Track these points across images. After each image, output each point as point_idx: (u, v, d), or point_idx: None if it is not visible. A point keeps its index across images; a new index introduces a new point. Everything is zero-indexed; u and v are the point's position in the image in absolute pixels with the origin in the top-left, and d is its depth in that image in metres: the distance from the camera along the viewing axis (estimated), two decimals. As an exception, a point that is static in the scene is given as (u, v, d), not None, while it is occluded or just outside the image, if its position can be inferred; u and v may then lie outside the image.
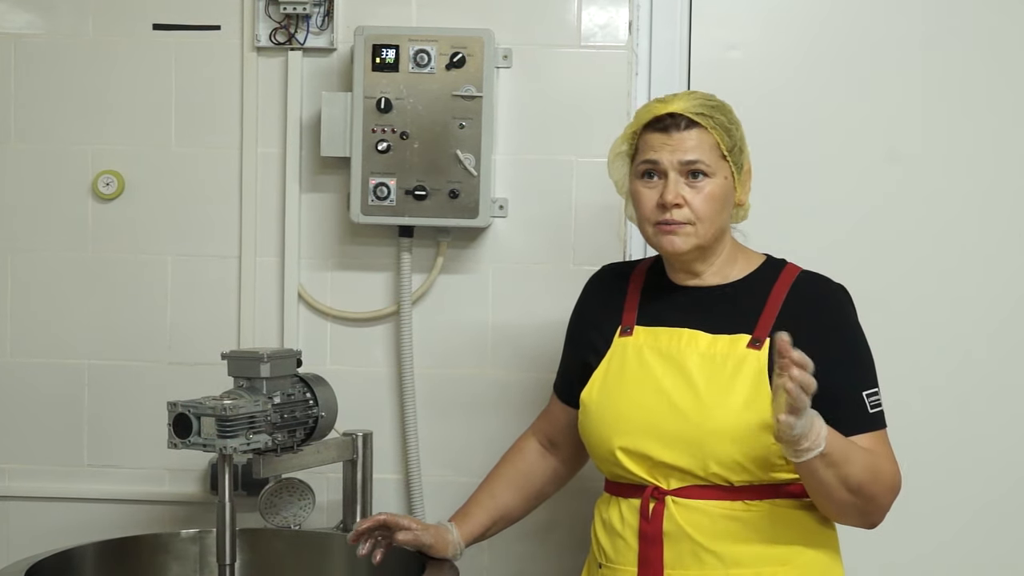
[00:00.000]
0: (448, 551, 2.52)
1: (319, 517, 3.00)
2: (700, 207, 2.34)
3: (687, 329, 2.38)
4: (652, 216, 2.36)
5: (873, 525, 2.33)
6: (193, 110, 3.07)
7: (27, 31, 3.07)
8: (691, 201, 2.34)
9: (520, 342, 3.04)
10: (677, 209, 2.33)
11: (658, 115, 2.36)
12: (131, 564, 2.72)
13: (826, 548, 2.37)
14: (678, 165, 2.34)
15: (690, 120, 2.35)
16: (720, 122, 2.37)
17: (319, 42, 3.00)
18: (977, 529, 3.07)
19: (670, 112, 2.35)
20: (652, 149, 2.37)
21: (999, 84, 3.06)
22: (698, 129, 2.35)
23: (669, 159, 2.34)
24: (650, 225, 2.38)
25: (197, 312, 3.09)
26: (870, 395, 2.33)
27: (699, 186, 2.34)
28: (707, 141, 2.35)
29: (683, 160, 2.33)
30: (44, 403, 3.11)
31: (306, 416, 2.66)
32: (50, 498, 3.09)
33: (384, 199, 2.91)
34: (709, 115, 2.36)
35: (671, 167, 2.34)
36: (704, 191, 2.34)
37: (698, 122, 2.35)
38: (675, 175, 2.34)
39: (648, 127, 2.38)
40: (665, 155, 2.34)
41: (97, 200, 3.07)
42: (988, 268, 3.08)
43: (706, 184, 2.34)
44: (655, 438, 2.34)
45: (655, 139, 2.37)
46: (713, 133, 2.35)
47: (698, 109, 2.35)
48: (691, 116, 2.35)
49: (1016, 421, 3.07)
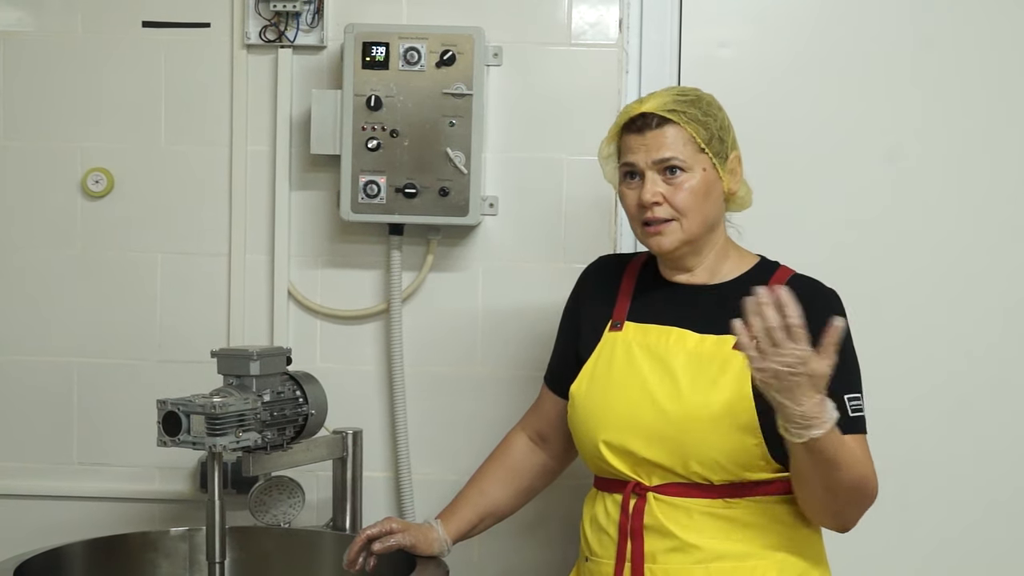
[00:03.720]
0: (433, 548, 2.54)
1: (309, 515, 3.00)
2: (680, 202, 2.36)
3: (676, 328, 2.40)
4: (636, 216, 2.40)
5: (845, 530, 2.35)
6: (183, 108, 3.08)
7: (16, 28, 3.08)
8: (670, 197, 2.36)
9: (510, 339, 3.05)
10: (657, 207, 2.36)
11: (632, 116, 2.40)
12: (120, 562, 2.72)
13: (808, 542, 2.39)
14: (652, 164, 2.36)
15: (662, 118, 2.37)
16: (693, 116, 2.38)
17: (309, 40, 3.01)
18: (976, 533, 3.07)
19: (642, 112, 2.38)
20: (629, 151, 2.40)
21: (993, 83, 3.07)
22: (671, 125, 2.37)
23: (644, 159, 2.37)
24: (638, 226, 2.41)
25: (187, 310, 3.09)
26: (852, 399, 2.34)
27: (677, 182, 2.36)
28: (681, 136, 2.37)
29: (656, 159, 2.36)
30: (33, 401, 3.12)
31: (296, 414, 2.67)
32: (39, 496, 3.09)
33: (374, 197, 2.92)
34: (681, 110, 2.38)
35: (647, 167, 2.37)
36: (683, 186, 2.36)
37: (670, 119, 2.37)
38: (652, 174, 2.36)
39: (625, 129, 2.42)
40: (640, 156, 2.38)
41: (86, 198, 3.07)
42: (985, 269, 3.08)
43: (684, 179, 2.36)
44: (637, 434, 2.36)
45: (631, 140, 2.40)
46: (687, 128, 2.37)
47: (669, 106, 2.38)
48: (662, 114, 2.37)
49: (1016, 423, 3.07)
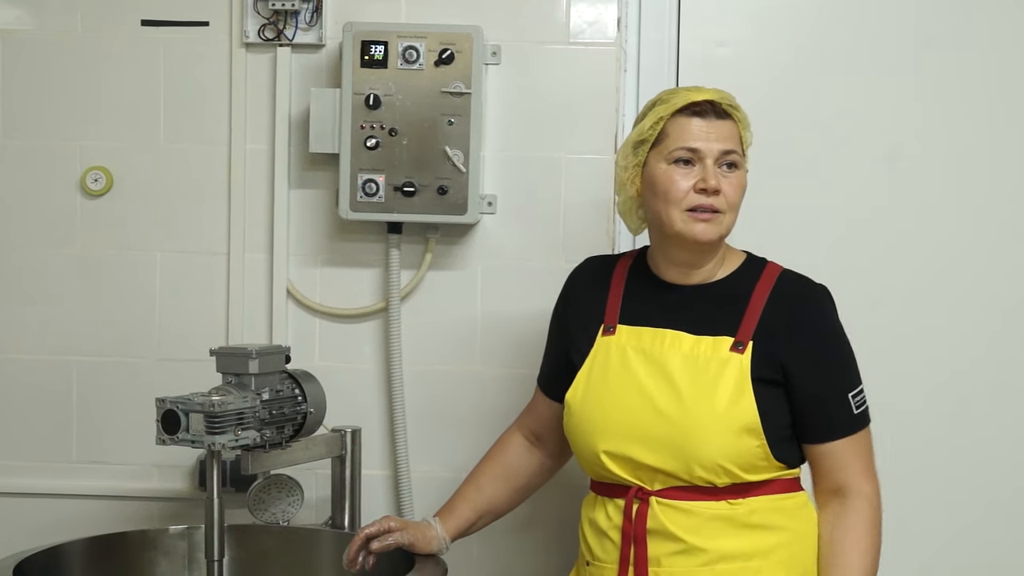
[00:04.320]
0: (432, 546, 2.55)
1: (308, 513, 3.01)
2: (732, 196, 2.36)
3: (670, 330, 2.39)
4: (687, 201, 2.35)
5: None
6: (182, 106, 3.09)
7: (15, 26, 3.09)
8: (725, 190, 2.35)
9: (509, 338, 3.05)
10: (716, 196, 2.34)
11: (696, 100, 2.37)
12: (120, 560, 2.73)
13: (811, 540, 2.40)
14: (717, 153, 2.35)
15: (723, 110, 2.38)
16: (743, 117, 2.41)
17: (308, 38, 3.02)
18: (978, 531, 3.09)
19: (709, 100, 2.37)
20: (691, 136, 2.37)
21: (993, 82, 3.07)
22: (730, 120, 2.38)
23: (710, 146, 2.35)
24: (679, 211, 2.36)
25: (186, 308, 3.11)
26: (855, 395, 2.37)
27: (731, 176, 2.36)
28: (736, 133, 2.39)
29: (722, 149, 2.35)
30: (32, 399, 3.13)
31: (295, 412, 2.67)
32: (38, 494, 3.11)
33: (373, 195, 2.93)
34: (736, 108, 2.40)
35: (710, 155, 2.35)
36: (735, 182, 2.36)
37: (730, 113, 2.38)
38: (711, 162, 2.35)
39: (681, 112, 2.38)
40: (704, 142, 2.35)
41: (85, 196, 3.09)
42: (985, 268, 3.09)
43: (735, 176, 2.37)
44: (639, 441, 2.35)
45: (694, 125, 2.37)
46: (739, 126, 2.39)
47: (729, 101, 2.39)
48: (725, 106, 2.37)
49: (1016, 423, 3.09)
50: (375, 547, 2.50)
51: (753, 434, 2.31)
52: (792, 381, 2.35)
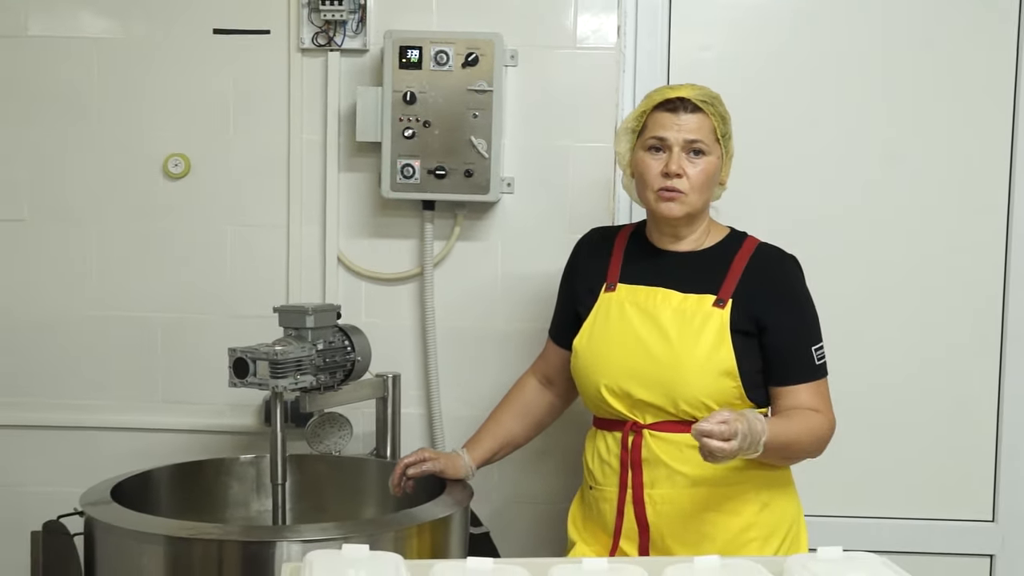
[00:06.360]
0: (461, 473, 2.69)
1: (356, 445, 3.14)
2: (696, 179, 2.47)
3: (662, 288, 2.54)
4: (655, 183, 2.48)
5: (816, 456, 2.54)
6: (247, 102, 3.18)
7: (106, 35, 3.18)
8: (689, 174, 2.47)
9: (525, 297, 3.16)
10: (678, 179, 2.46)
11: (669, 98, 2.49)
12: (199, 484, 2.88)
13: (777, 469, 2.55)
14: (682, 142, 2.47)
15: (695, 105, 2.48)
16: (718, 110, 2.51)
17: (354, 44, 3.12)
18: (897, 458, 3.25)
19: (679, 96, 2.48)
20: (661, 127, 2.48)
21: (959, 83, 3.13)
22: (701, 113, 2.48)
23: (675, 136, 2.47)
24: (652, 192, 2.49)
25: (252, 273, 3.21)
26: (817, 349, 2.52)
27: (697, 162, 2.48)
28: (707, 125, 2.49)
29: (687, 139, 2.47)
30: (125, 349, 3.24)
31: (345, 360, 2.80)
32: (131, 428, 3.23)
33: (410, 178, 3.03)
34: (710, 103, 2.50)
35: (676, 143, 2.47)
36: (700, 167, 2.48)
37: (701, 108, 2.48)
38: (678, 150, 2.47)
39: (658, 107, 2.50)
40: (672, 133, 2.47)
41: (167, 179, 3.20)
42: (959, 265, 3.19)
43: (702, 161, 2.48)
44: (634, 379, 2.50)
45: (665, 118, 2.48)
46: (712, 119, 2.49)
47: (702, 97, 2.49)
48: (696, 101, 2.48)
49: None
50: (412, 472, 2.65)
51: (730, 376, 2.46)
52: (764, 332, 2.50)
